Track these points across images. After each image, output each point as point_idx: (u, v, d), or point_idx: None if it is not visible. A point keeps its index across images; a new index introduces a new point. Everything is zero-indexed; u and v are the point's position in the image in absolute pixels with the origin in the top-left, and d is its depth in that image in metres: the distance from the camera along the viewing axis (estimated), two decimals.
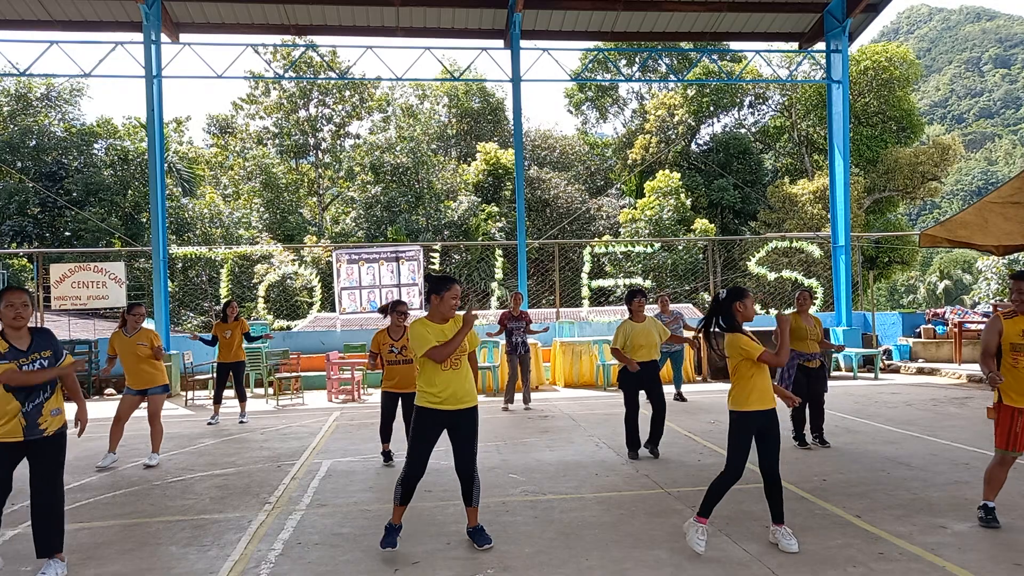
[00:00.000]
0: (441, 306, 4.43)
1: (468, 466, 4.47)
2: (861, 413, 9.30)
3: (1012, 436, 4.53)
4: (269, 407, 11.26)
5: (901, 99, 29.29)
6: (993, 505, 4.67)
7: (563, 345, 13.62)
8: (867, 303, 22.33)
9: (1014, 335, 4.54)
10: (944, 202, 69.07)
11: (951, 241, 10.13)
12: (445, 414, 4.41)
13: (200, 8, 14.70)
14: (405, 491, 4.42)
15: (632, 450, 6.97)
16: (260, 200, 30.45)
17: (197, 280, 24.10)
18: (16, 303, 4.06)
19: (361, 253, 15.48)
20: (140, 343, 7.02)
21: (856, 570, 3.97)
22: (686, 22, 15.84)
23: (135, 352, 7.01)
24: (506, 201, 29.06)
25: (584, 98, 36.40)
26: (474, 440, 4.52)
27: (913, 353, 15.30)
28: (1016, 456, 4.57)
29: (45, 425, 4.14)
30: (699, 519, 4.31)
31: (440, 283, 4.45)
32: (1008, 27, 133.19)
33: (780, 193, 28.24)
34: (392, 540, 4.42)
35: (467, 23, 15.52)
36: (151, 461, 7.00)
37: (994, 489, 4.67)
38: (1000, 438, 4.61)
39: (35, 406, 4.09)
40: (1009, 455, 4.58)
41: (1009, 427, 4.54)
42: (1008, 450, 4.57)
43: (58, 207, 24.72)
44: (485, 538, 4.46)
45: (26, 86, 26.70)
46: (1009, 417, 4.55)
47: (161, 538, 4.78)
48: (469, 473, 4.48)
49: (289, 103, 33.31)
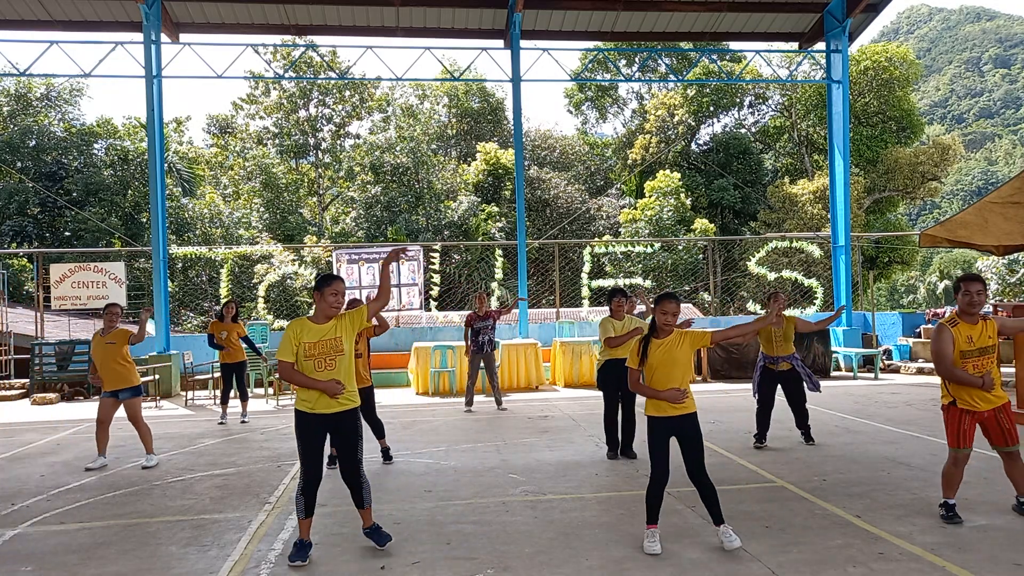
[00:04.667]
0: (322, 303, 4.32)
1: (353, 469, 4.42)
2: (861, 413, 9.29)
3: (961, 435, 4.70)
4: (269, 407, 11.25)
5: (901, 99, 29.28)
6: (954, 503, 4.78)
7: (563, 345, 13.62)
8: (867, 303, 22.34)
9: (962, 342, 4.63)
10: (944, 202, 69.09)
11: (951, 241, 10.13)
12: (320, 418, 4.34)
13: (200, 8, 14.69)
14: (308, 501, 4.34)
15: (612, 450, 6.96)
16: (260, 200, 30.44)
17: (197, 280, 24.08)
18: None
19: (361, 253, 15.49)
20: (109, 341, 6.94)
21: (856, 570, 3.97)
22: (686, 22, 15.84)
23: (106, 351, 6.94)
24: (506, 201, 29.06)
25: (584, 98, 36.39)
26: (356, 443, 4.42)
27: (913, 353, 15.30)
28: (967, 452, 4.71)
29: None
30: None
31: (321, 281, 4.33)
32: (1008, 27, 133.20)
33: (780, 193, 28.24)
34: (303, 555, 4.26)
35: (467, 23, 15.51)
36: (148, 463, 6.97)
37: (953, 487, 4.79)
38: (951, 438, 4.76)
39: None
40: (961, 452, 4.72)
41: (958, 427, 4.71)
42: (960, 448, 4.72)
43: (58, 207, 24.72)
44: (384, 536, 4.44)
45: (26, 86, 26.69)
46: (958, 418, 4.70)
47: (161, 538, 4.78)
48: (356, 478, 4.43)
49: (289, 103, 33.31)
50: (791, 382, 7.30)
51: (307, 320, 4.34)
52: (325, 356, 4.27)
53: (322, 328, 4.30)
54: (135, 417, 7.05)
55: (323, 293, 4.29)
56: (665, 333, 4.40)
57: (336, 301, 4.31)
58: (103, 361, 6.95)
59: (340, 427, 4.39)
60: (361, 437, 4.48)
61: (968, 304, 4.64)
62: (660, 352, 4.35)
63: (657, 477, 4.40)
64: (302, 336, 4.26)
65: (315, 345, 4.26)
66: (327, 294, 4.28)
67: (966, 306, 4.65)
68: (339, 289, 4.32)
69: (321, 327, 4.30)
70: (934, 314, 16.11)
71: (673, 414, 4.38)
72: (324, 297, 4.29)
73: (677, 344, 4.36)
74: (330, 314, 4.32)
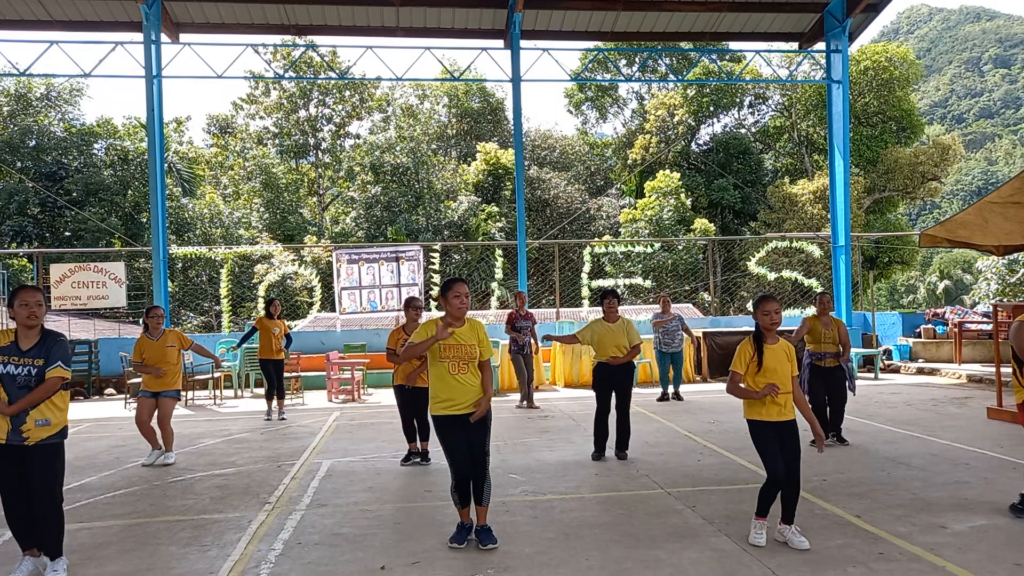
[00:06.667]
0: (448, 307, 4.45)
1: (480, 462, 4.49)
2: (861, 413, 9.29)
3: None
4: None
5: (901, 99, 29.26)
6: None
7: (563, 345, 13.62)
8: (867, 303, 22.34)
9: None
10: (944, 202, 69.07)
11: (951, 241, 10.12)
12: (456, 419, 4.43)
13: (200, 8, 14.69)
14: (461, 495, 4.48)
15: (598, 451, 6.90)
16: (260, 200, 30.45)
17: (197, 280, 24.09)
18: (30, 302, 4.00)
19: (361, 253, 15.48)
20: (170, 344, 7.13)
21: (856, 570, 3.97)
22: (686, 22, 15.84)
23: (164, 354, 7.08)
24: (506, 201, 29.06)
25: (584, 98, 36.38)
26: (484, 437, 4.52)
27: (913, 353, 15.30)
28: None
29: (28, 434, 3.95)
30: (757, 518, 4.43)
31: (445, 284, 4.50)
32: (1008, 27, 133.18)
33: (780, 193, 28.23)
34: (460, 538, 4.47)
35: (467, 23, 15.51)
36: (168, 459, 7.08)
37: None
38: None
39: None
40: None
41: None
42: None
43: (58, 207, 24.72)
44: (491, 538, 4.47)
45: (26, 86, 26.69)
46: None
47: (161, 538, 4.78)
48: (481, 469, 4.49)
49: (289, 103, 33.31)
50: (836, 380, 7.32)
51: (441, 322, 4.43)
52: (459, 360, 4.40)
53: (458, 331, 4.42)
54: (165, 417, 7.14)
55: (447, 297, 4.43)
56: (772, 337, 4.37)
57: (461, 304, 4.43)
58: (155, 362, 7.07)
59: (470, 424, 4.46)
60: (489, 432, 4.55)
61: None
62: (772, 357, 4.31)
63: (773, 479, 4.36)
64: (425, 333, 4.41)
65: (450, 348, 4.40)
66: (451, 296, 4.43)
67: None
68: (462, 291, 4.46)
69: (457, 330, 4.42)
70: (934, 314, 16.12)
71: (779, 419, 4.34)
72: (449, 300, 4.43)
73: (784, 354, 4.36)
74: (458, 315, 4.45)
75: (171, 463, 7.06)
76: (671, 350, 11.26)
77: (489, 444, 4.55)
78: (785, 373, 4.32)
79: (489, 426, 4.54)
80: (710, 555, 4.23)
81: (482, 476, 4.45)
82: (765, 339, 4.36)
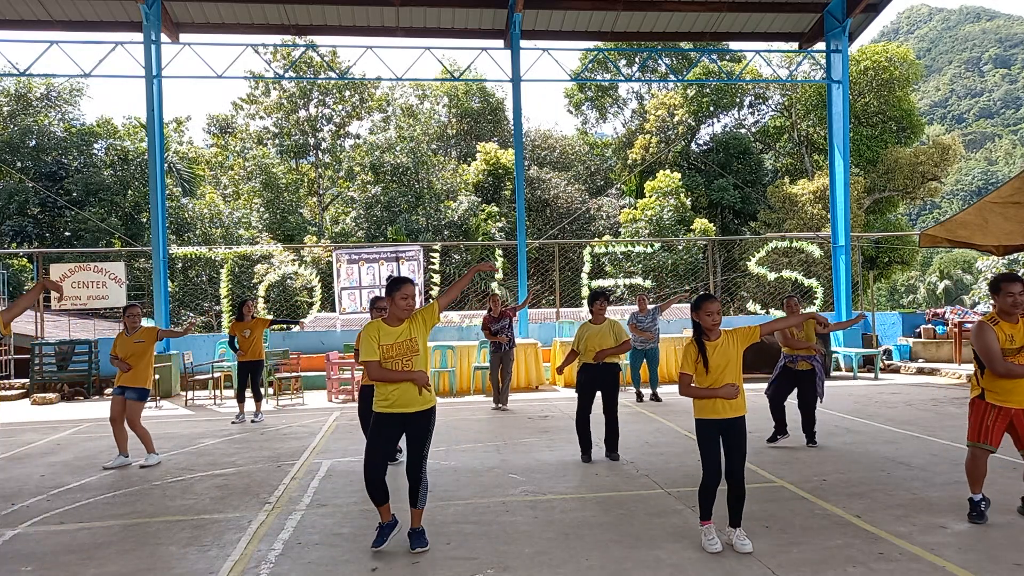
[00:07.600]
0: (393, 307, 4.44)
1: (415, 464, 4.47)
2: (861, 413, 9.29)
3: (983, 430, 4.69)
4: (269, 407, 11.24)
5: (901, 99, 29.27)
6: (979, 498, 4.75)
7: (563, 345, 13.60)
8: (867, 303, 22.34)
9: (1003, 340, 4.61)
10: (944, 202, 69.08)
11: (951, 241, 10.14)
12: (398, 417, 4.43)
13: (200, 8, 14.69)
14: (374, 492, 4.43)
15: (585, 453, 6.86)
16: (260, 200, 30.45)
17: (197, 280, 24.09)
18: None
19: (361, 253, 15.48)
20: (138, 340, 7.12)
21: (856, 570, 3.97)
22: (686, 22, 15.84)
23: (133, 349, 7.09)
24: (506, 201, 29.06)
25: (584, 98, 36.37)
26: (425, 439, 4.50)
27: (913, 353, 15.30)
28: (986, 449, 4.68)
29: None
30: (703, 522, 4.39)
31: (392, 285, 4.47)
32: (1008, 27, 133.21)
33: (780, 193, 28.23)
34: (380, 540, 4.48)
35: (467, 23, 15.51)
36: (148, 461, 6.99)
37: (976, 481, 4.77)
38: (971, 431, 4.76)
39: None
40: (979, 448, 4.71)
41: (981, 421, 4.70)
42: (978, 443, 4.71)
43: (58, 207, 24.71)
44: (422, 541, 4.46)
45: (26, 86, 26.68)
46: (983, 412, 4.69)
47: (161, 538, 4.78)
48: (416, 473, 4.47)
49: (289, 103, 33.31)
50: (807, 383, 7.29)
51: (382, 323, 4.47)
52: (402, 357, 4.40)
53: (397, 330, 4.43)
54: (132, 419, 7.04)
55: (394, 298, 4.43)
56: (715, 335, 4.39)
57: (407, 304, 4.44)
58: (125, 357, 7.08)
59: (416, 424, 4.45)
60: (431, 436, 4.54)
61: (1012, 305, 4.61)
62: (717, 355, 4.33)
63: (708, 481, 4.37)
64: (380, 338, 4.40)
65: (392, 347, 4.40)
66: (398, 298, 4.42)
67: (1009, 307, 4.62)
68: (409, 292, 4.47)
69: (396, 329, 4.43)
70: (934, 314, 16.11)
71: (726, 416, 4.33)
72: (395, 301, 4.43)
73: (731, 343, 4.37)
74: (403, 316, 4.46)
75: (153, 464, 6.96)
76: (647, 347, 10.94)
77: (428, 449, 4.52)
78: (735, 365, 4.34)
79: (431, 431, 4.51)
80: (710, 555, 4.23)
81: (417, 479, 4.44)
82: (708, 337, 4.37)
